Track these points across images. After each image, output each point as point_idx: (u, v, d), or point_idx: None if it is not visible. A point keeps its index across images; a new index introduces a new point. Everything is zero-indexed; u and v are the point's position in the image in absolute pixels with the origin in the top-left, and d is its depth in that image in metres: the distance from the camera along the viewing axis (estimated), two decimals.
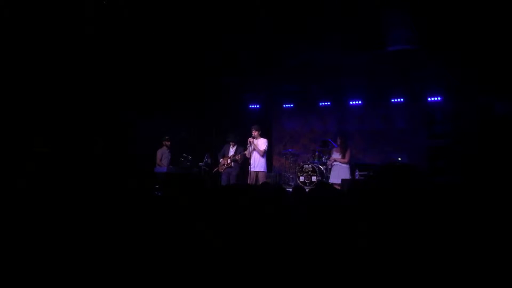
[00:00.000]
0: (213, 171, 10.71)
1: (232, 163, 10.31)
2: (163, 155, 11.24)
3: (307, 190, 3.42)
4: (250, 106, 14.16)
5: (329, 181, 10.19)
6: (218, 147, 11.09)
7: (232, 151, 10.42)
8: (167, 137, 11.36)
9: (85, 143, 9.86)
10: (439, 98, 11.69)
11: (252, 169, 9.93)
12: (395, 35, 9.14)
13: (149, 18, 8.19)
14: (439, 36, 8.70)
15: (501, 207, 1.89)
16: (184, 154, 11.34)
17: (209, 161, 11.30)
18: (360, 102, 13.03)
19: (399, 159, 11.02)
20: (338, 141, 10.37)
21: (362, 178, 10.18)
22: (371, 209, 1.67)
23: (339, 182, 9.50)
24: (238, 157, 10.17)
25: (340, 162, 10.17)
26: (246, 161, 10.41)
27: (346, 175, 9.96)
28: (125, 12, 7.98)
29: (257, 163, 9.88)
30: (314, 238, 2.16)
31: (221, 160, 10.51)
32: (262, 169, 9.91)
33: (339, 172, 10.09)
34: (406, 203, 1.58)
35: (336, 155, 10.34)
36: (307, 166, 11.57)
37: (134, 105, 11.36)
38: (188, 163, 11.26)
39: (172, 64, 10.55)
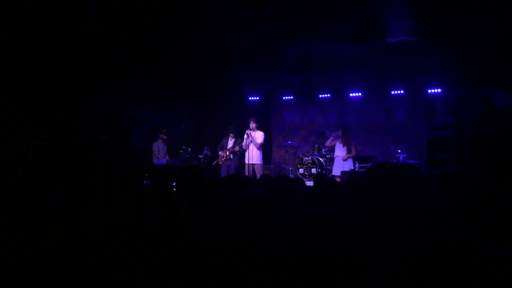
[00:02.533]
0: (213, 164, 10.69)
1: (231, 155, 10.29)
2: (159, 148, 11.19)
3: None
4: (250, 98, 14.10)
5: (332, 173, 10.10)
6: (218, 139, 11.06)
7: (231, 143, 10.39)
8: (164, 130, 11.28)
9: (87, 140, 9.85)
10: (439, 90, 11.64)
11: (248, 162, 9.92)
12: (395, 26, 9.07)
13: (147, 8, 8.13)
14: (439, 27, 8.64)
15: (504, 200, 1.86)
16: (184, 147, 11.31)
17: (208, 153, 11.27)
18: (360, 94, 12.97)
19: (399, 151, 10.98)
20: (340, 133, 10.12)
21: (362, 169, 10.09)
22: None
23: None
24: (236, 148, 10.15)
25: (349, 157, 9.91)
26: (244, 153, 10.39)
27: (350, 167, 9.81)
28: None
29: (253, 156, 9.87)
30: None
31: (220, 152, 10.48)
32: (259, 162, 9.91)
33: (343, 164, 9.88)
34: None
35: (340, 150, 10.05)
36: (306, 158, 11.53)
37: (133, 98, 11.34)
38: (188, 156, 11.24)
39: (171, 56, 10.50)
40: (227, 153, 10.32)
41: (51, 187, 3.49)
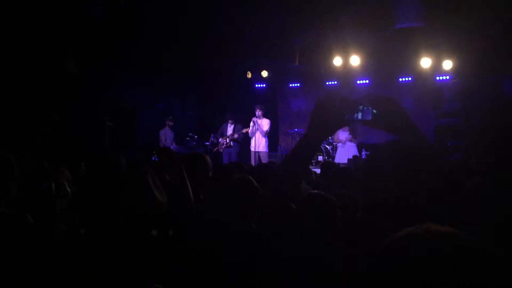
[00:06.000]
0: (213, 151, 10.65)
1: (231, 143, 10.26)
2: (166, 135, 11.20)
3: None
4: (256, 85, 14.03)
5: (335, 160, 10.04)
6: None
7: (230, 129, 10.36)
8: (171, 117, 11.29)
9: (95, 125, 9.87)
10: (447, 77, 11.52)
11: (254, 149, 9.89)
12: (403, 12, 8.98)
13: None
14: (448, 13, 8.53)
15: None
16: (190, 134, 11.31)
17: (215, 140, 11.27)
18: (367, 81, 12.85)
19: None
20: None
21: None
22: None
23: (346, 162, 9.37)
24: (236, 136, 10.12)
25: (353, 142, 9.94)
26: (246, 140, 10.37)
27: (355, 154, 9.77)
28: None
29: (259, 144, 9.85)
30: None
31: (220, 139, 10.45)
32: (264, 150, 9.90)
33: (348, 151, 9.85)
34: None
35: (345, 134, 10.06)
36: None
37: (140, 85, 11.32)
38: (194, 143, 11.24)
39: (178, 43, 10.45)
40: (227, 140, 10.29)
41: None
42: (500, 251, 0.75)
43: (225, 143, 10.33)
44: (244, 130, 10.14)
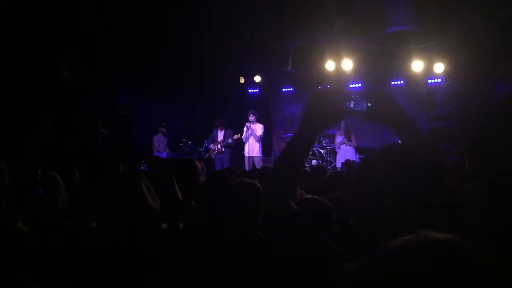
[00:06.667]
0: (205, 158, 10.62)
1: (223, 148, 10.26)
2: (159, 141, 11.18)
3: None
4: (249, 90, 14.03)
5: (336, 165, 10.11)
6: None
7: (220, 135, 10.35)
8: (164, 123, 11.26)
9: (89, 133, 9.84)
10: (439, 80, 11.58)
11: (248, 155, 9.89)
12: (395, 16, 9.04)
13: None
14: (439, 16, 8.59)
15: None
16: (184, 140, 11.28)
17: (209, 146, 11.26)
18: (360, 85, 12.88)
19: (400, 141, 10.92)
20: (343, 125, 10.17)
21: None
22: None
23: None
24: (230, 141, 10.13)
25: (348, 145, 10.04)
26: (238, 145, 10.36)
27: (352, 158, 9.85)
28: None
29: (253, 149, 9.86)
30: None
31: (211, 146, 10.43)
32: (258, 154, 9.90)
33: (345, 155, 9.92)
34: None
35: (340, 138, 10.17)
36: None
37: (133, 92, 11.30)
38: (188, 149, 11.22)
39: (171, 49, 10.44)
40: (219, 146, 10.27)
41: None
42: (498, 257, 0.74)
43: (216, 149, 10.31)
44: (235, 136, 10.13)
